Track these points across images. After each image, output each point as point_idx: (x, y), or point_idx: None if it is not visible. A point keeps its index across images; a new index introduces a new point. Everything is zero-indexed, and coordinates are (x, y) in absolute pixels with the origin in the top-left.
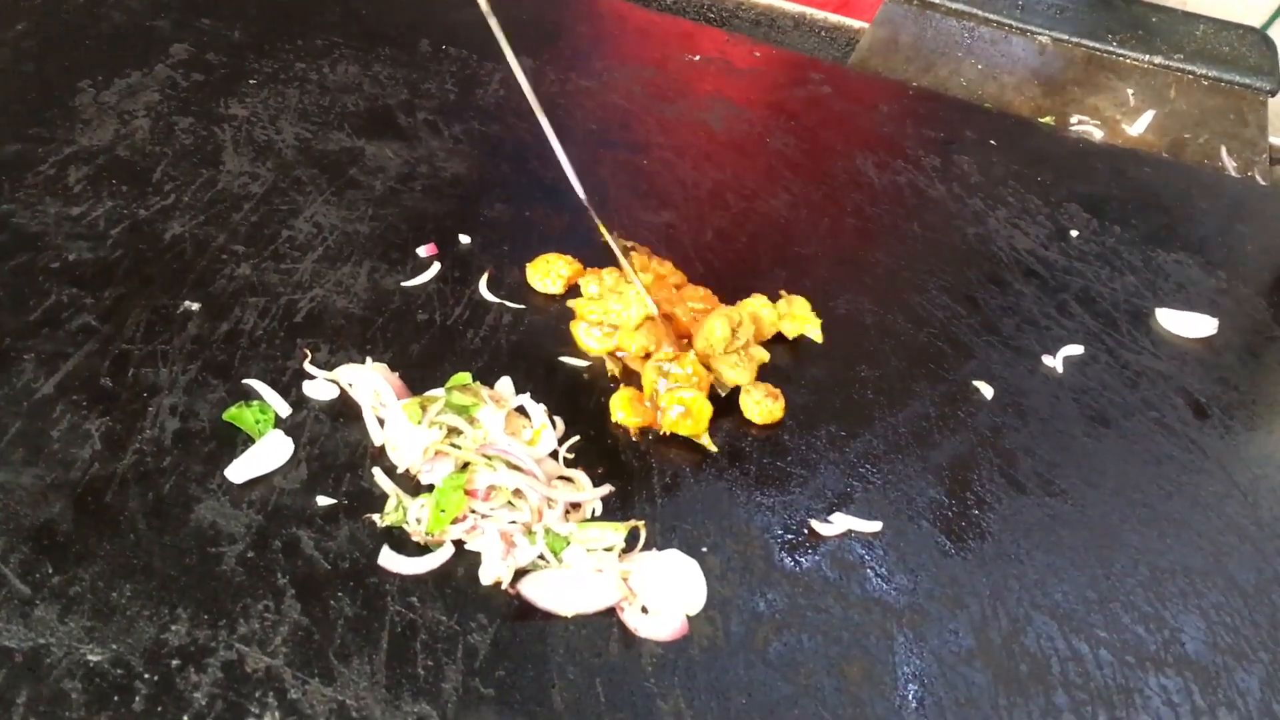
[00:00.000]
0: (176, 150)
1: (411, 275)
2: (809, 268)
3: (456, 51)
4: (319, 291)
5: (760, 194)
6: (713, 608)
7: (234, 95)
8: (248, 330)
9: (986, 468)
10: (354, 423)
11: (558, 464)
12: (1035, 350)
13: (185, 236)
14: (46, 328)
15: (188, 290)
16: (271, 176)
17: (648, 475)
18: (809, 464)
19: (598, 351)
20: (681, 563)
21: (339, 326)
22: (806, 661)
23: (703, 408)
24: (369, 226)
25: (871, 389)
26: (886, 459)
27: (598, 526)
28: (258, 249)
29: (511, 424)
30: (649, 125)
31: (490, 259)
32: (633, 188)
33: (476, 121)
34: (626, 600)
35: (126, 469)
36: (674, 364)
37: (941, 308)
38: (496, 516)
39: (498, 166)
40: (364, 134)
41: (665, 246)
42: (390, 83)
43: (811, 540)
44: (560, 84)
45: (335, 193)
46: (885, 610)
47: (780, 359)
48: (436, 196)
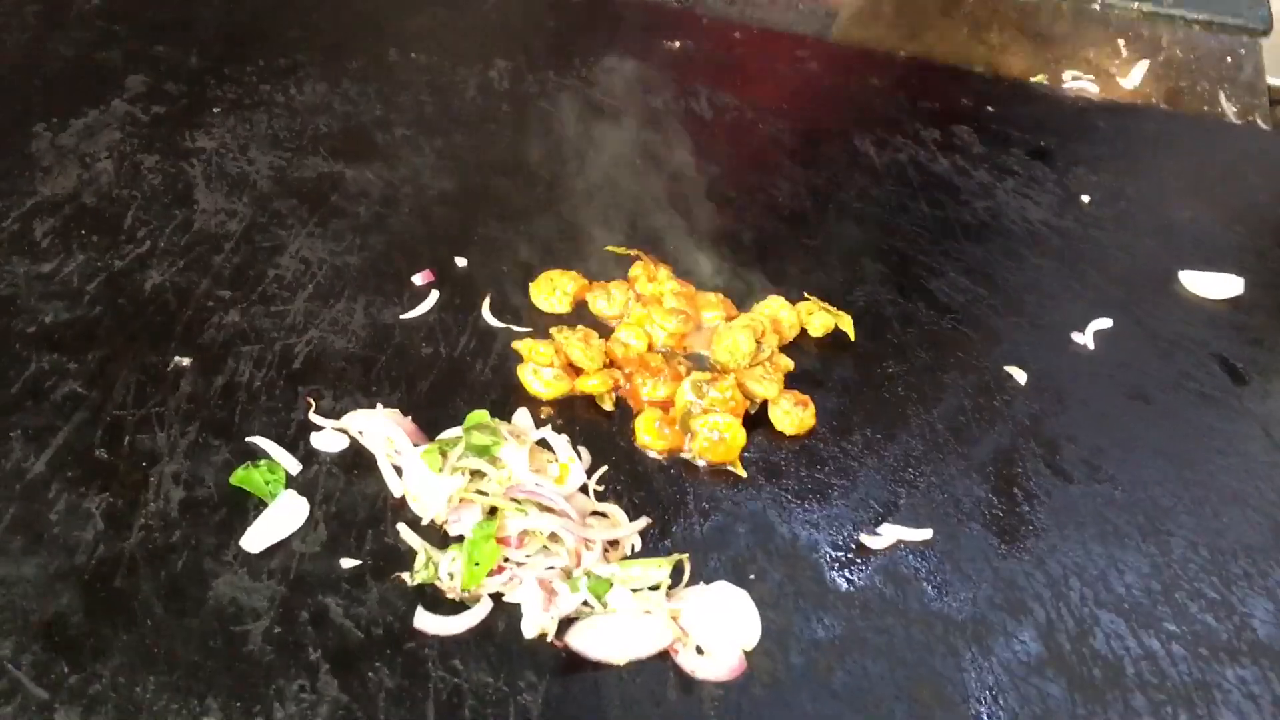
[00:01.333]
0: (145, 192)
1: (409, 306)
2: (821, 259)
3: (426, 59)
4: (314, 333)
5: (760, 185)
6: (769, 639)
7: (199, 126)
8: (244, 382)
9: (1030, 459)
10: (369, 474)
11: (589, 499)
12: (1063, 327)
13: (166, 286)
14: (30, 400)
15: (176, 344)
16: (249, 211)
17: (682, 502)
18: (848, 473)
19: (550, 396)
20: (731, 594)
21: (340, 369)
22: (874, 688)
23: (736, 435)
24: (359, 257)
25: (902, 385)
26: (927, 460)
27: (640, 564)
28: (244, 292)
29: (536, 459)
30: (635, 121)
31: (490, 281)
32: (626, 189)
33: (458, 133)
34: (680, 642)
35: (134, 548)
36: (711, 386)
37: (961, 290)
38: (533, 564)
39: (486, 180)
40: (341, 157)
41: (668, 250)
42: (361, 98)
43: (861, 555)
44: (540, 85)
45: (318, 223)
46: (947, 624)
47: (802, 361)
48: (425, 218)
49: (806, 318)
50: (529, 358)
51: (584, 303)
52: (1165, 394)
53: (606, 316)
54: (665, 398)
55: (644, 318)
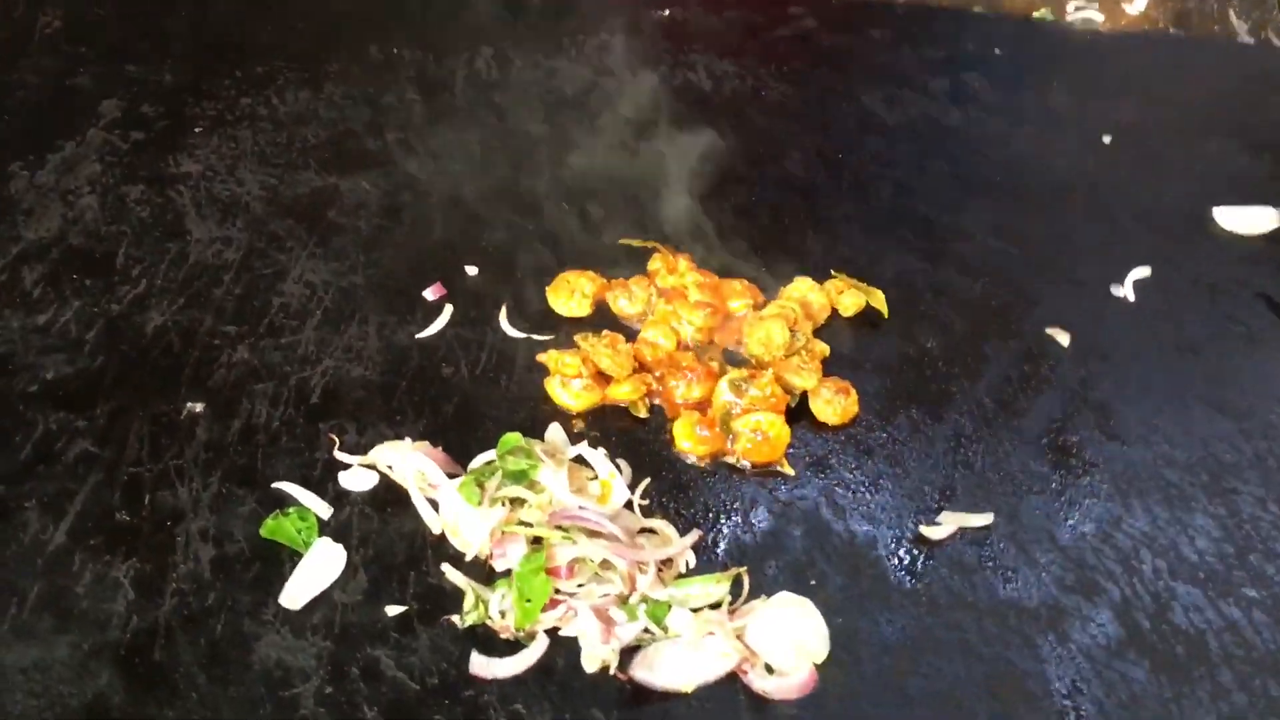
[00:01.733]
0: (134, 226)
1: (424, 324)
2: (843, 231)
3: (410, 53)
4: (329, 363)
5: (770, 156)
6: (838, 648)
7: (182, 150)
8: (262, 424)
9: (1083, 426)
10: (404, 510)
11: (635, 515)
12: (1101, 281)
13: (168, 326)
14: (41, 464)
15: (186, 389)
16: (245, 237)
17: (731, 508)
18: (898, 460)
19: (581, 408)
20: (795, 605)
21: (360, 399)
22: (953, 690)
23: (780, 432)
24: (364, 276)
25: (942, 360)
26: (978, 438)
27: (697, 582)
28: (251, 326)
29: (575, 479)
30: (633, 100)
31: (504, 288)
32: (632, 174)
33: (451, 130)
34: (748, 662)
35: (169, 615)
36: (749, 383)
37: (992, 252)
38: (586, 593)
39: (488, 177)
40: (333, 168)
41: (684, 236)
42: (347, 103)
43: (923, 548)
44: (531, 70)
45: (319, 243)
46: (1020, 614)
47: (836, 343)
48: (428, 227)
49: (836, 297)
50: (556, 370)
51: (604, 303)
52: (1213, 342)
53: (629, 316)
54: (701, 398)
55: (669, 314)
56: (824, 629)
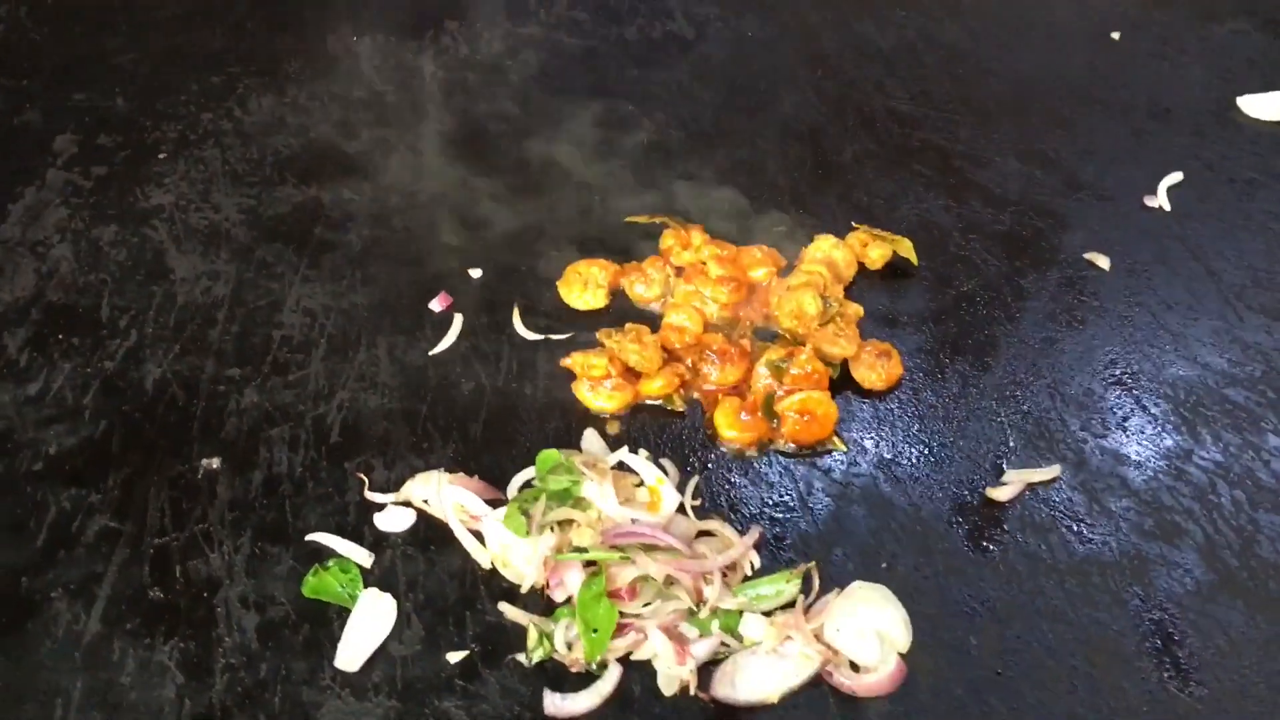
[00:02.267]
0: (113, 272)
1: (435, 339)
2: (855, 176)
3: (371, 40)
4: (343, 395)
5: (766, 103)
6: (921, 633)
7: (149, 180)
8: (285, 472)
9: (1134, 355)
10: (448, 547)
11: (689, 518)
12: (1132, 192)
13: (168, 378)
14: (61, 549)
15: (199, 444)
16: (232, 269)
17: (787, 496)
18: (952, 419)
19: (614, 410)
20: (871, 594)
21: (383, 431)
22: (1045, 659)
23: (828, 409)
24: (364, 295)
25: (981, 302)
26: (1028, 383)
27: (766, 583)
28: (255, 366)
29: (622, 488)
30: (614, 60)
31: (514, 288)
32: (627, 143)
33: (429, 119)
34: (831, 662)
35: (223, 695)
36: (788, 363)
37: (1015, 176)
38: (653, 613)
39: (479, 168)
40: (312, 178)
41: (692, 205)
42: (314, 104)
43: (992, 511)
44: (501, 40)
45: (310, 264)
46: (1102, 569)
47: (868, 300)
48: (424, 231)
49: (862, 251)
50: (583, 373)
51: (620, 290)
52: (1258, 242)
53: (648, 300)
54: (737, 380)
55: (690, 294)
56: (904, 615)
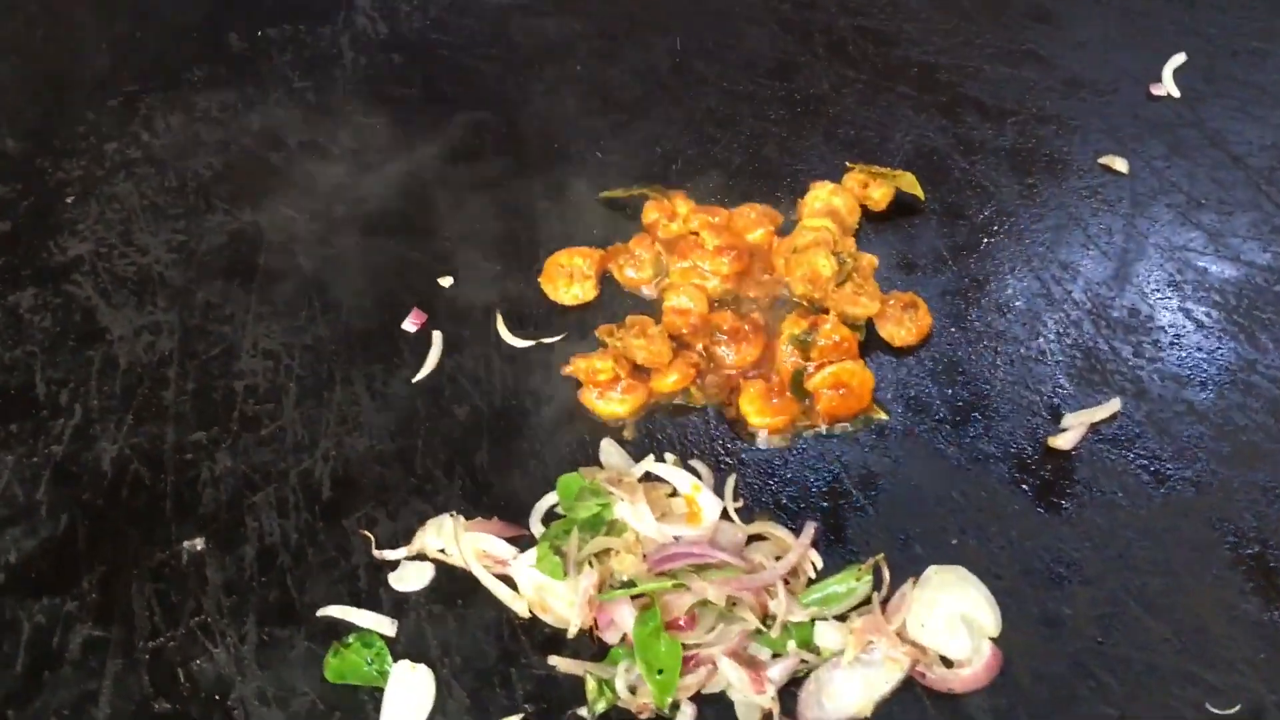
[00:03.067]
0: (41, 341)
1: (416, 363)
2: (837, 109)
3: (278, 32)
4: (326, 443)
5: (726, 42)
6: (1009, 611)
7: (61, 230)
8: (278, 542)
9: (1173, 264)
10: (477, 599)
11: (735, 523)
12: (1136, 82)
13: (127, 455)
14: (45, 671)
15: (176, 526)
16: (174, 317)
17: (836, 481)
18: (993, 366)
19: (628, 413)
20: (948, 578)
21: (378, 477)
22: (1145, 618)
23: (863, 378)
24: (327, 325)
25: (999, 228)
26: (1067, 313)
27: (833, 583)
28: (221, 425)
29: (656, 503)
30: (556, 19)
31: (491, 292)
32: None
33: (358, 114)
34: (920, 661)
35: None
36: (813, 334)
37: (1007, 83)
38: (719, 639)
39: (423, 161)
40: (243, 200)
41: (670, 169)
42: (229, 115)
43: (1057, 462)
44: (423, 15)
45: (261, 299)
46: (1186, 508)
47: (878, 246)
48: (381, 244)
49: (862, 193)
50: (588, 379)
51: (609, 276)
52: (1276, 118)
53: (641, 284)
54: (756, 358)
55: (687, 271)
56: (987, 596)
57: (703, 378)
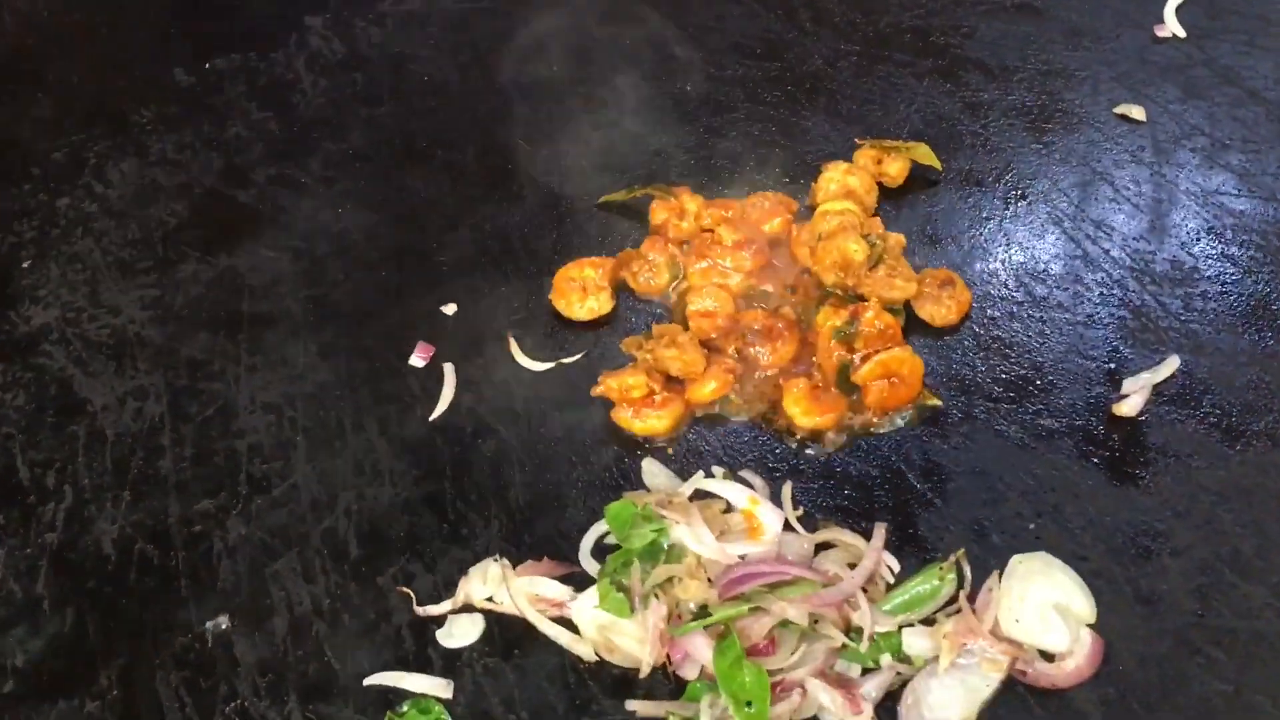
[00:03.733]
0: (17, 421)
1: (430, 399)
2: (835, 84)
3: (227, 62)
4: (347, 497)
5: (710, 25)
6: (1101, 594)
7: (21, 298)
8: (309, 610)
9: (1205, 207)
10: (535, 646)
11: (800, 532)
12: (1139, 25)
13: (129, 534)
14: None
15: (195, 606)
16: (159, 380)
17: (899, 476)
18: (1042, 336)
19: (666, 429)
20: (1034, 566)
21: (408, 527)
22: (1243, 585)
23: (913, 364)
24: (328, 370)
25: (1020, 192)
26: (1109, 272)
27: (916, 584)
28: (229, 491)
29: (712, 520)
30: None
31: (500, 315)
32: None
33: (328, 140)
34: (1019, 658)
35: None
36: (855, 324)
37: (1007, 39)
38: (804, 659)
39: (408, 183)
40: (216, 245)
41: (670, 165)
42: (186, 155)
43: (1125, 430)
44: (378, 26)
45: (251, 349)
46: (1263, 461)
47: (903, 224)
48: (373, 277)
49: (877, 169)
50: (621, 398)
51: (623, 285)
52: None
53: (659, 290)
54: (794, 355)
55: (706, 271)
56: (1078, 581)
57: (740, 382)
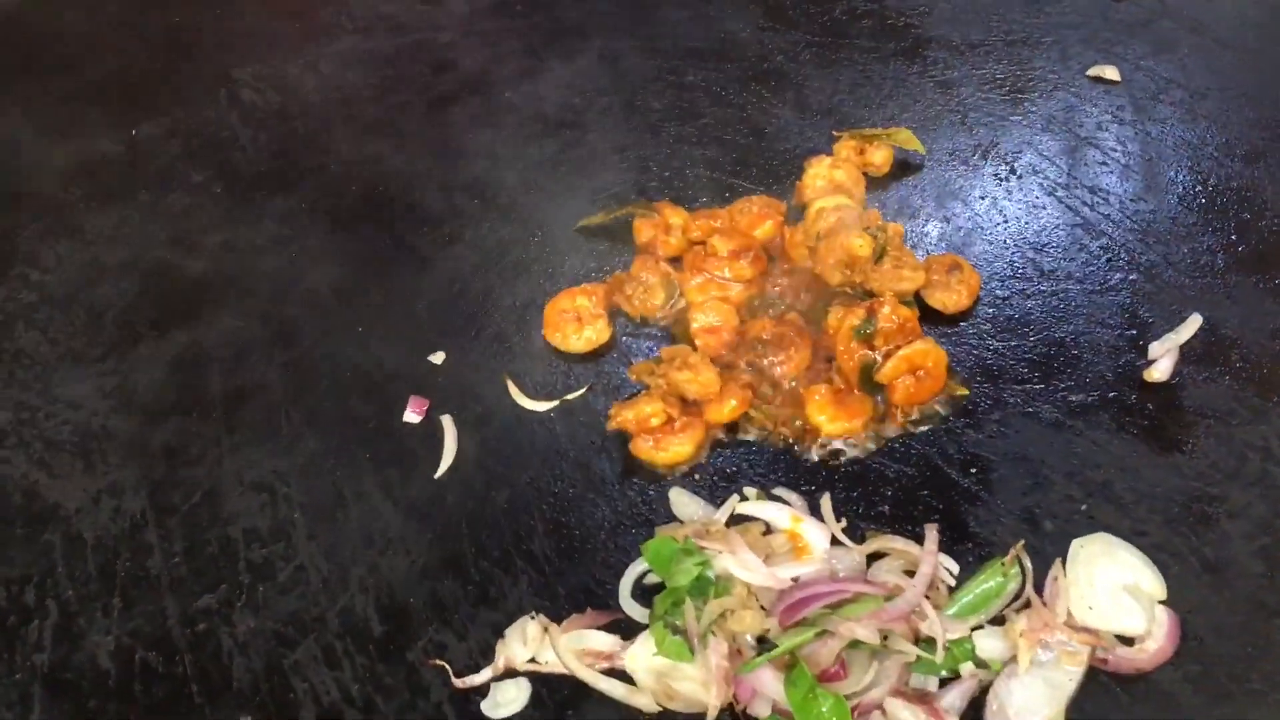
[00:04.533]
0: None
1: (433, 456)
2: (799, 77)
3: (155, 125)
4: (359, 572)
5: (658, 30)
6: (1167, 566)
7: None
8: (338, 699)
9: (1196, 159)
10: (589, 704)
11: (849, 546)
12: None
13: (126, 644)
14: None
15: (212, 711)
16: (134, 473)
17: (940, 473)
18: (1058, 309)
19: (689, 456)
20: (1096, 548)
21: (430, 595)
22: None
23: (937, 355)
24: (317, 438)
25: (1011, 165)
26: (1106, 233)
27: (979, 585)
28: (230, 583)
29: (756, 543)
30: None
31: (493, 357)
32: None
33: (281, 194)
34: (1099, 647)
35: None
36: (873, 320)
37: (966, 13)
38: (877, 679)
39: (377, 235)
40: (172, 320)
41: (648, 178)
42: (127, 229)
43: (1160, 396)
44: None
45: (228, 426)
46: None
47: (895, 212)
48: (349, 333)
49: (861, 160)
50: (639, 429)
51: (617, 310)
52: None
53: (656, 311)
54: (808, 362)
55: (704, 285)
56: (1142, 558)
57: (757, 397)
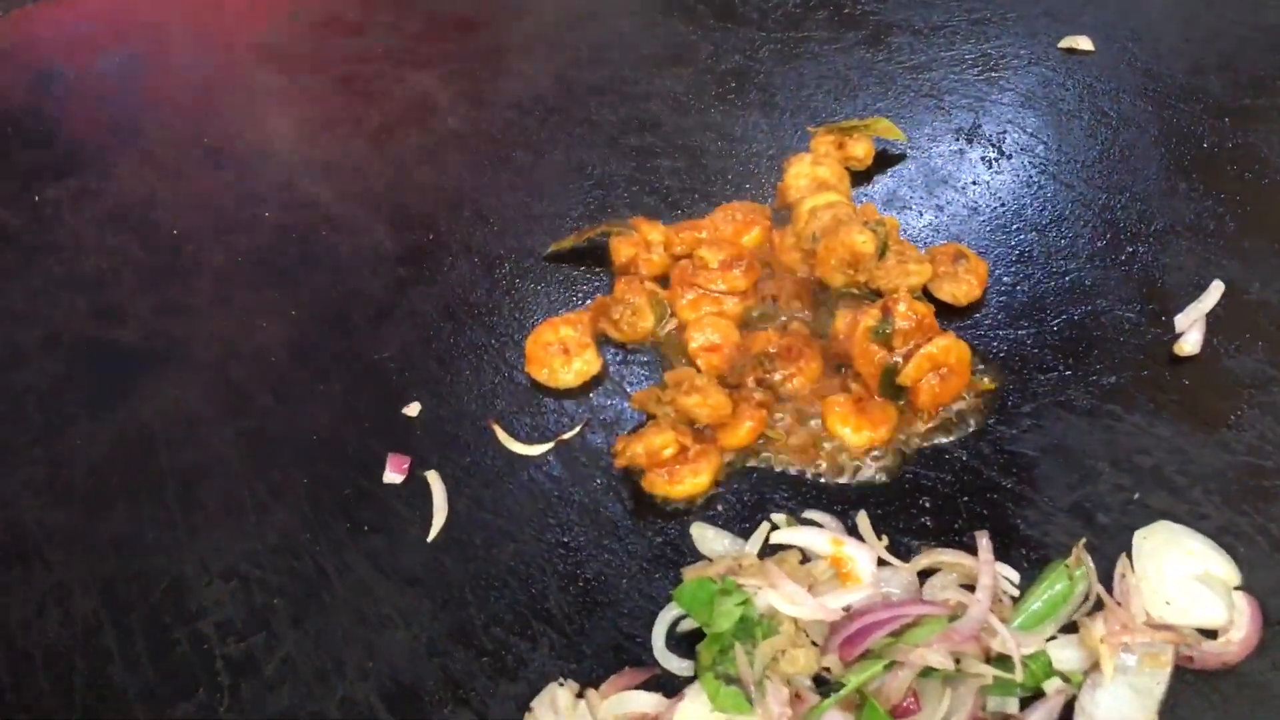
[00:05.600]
0: None
1: (422, 518)
2: (763, 78)
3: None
4: (357, 654)
5: (608, 46)
6: (1234, 549)
7: None
8: None
9: (1188, 121)
10: None
11: (898, 565)
12: None
13: None
14: None
15: None
16: (81, 571)
17: (979, 477)
18: (1071, 289)
19: (707, 486)
20: (1160, 539)
21: (441, 671)
22: None
23: (960, 351)
24: (288, 511)
25: (995, 147)
26: (1116, 209)
27: (1044, 592)
28: (208, 685)
29: (796, 573)
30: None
31: (474, 403)
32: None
33: (209, 247)
34: (1179, 644)
35: None
36: (891, 320)
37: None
38: (954, 709)
39: (323, 285)
40: (105, 401)
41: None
42: (40, 302)
43: (1193, 371)
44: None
45: (183, 510)
46: None
47: (881, 204)
48: (310, 391)
49: (843, 154)
50: (650, 463)
51: (605, 339)
52: None
53: (646, 334)
54: (818, 373)
55: (697, 301)
56: (1210, 544)
57: (772, 415)
